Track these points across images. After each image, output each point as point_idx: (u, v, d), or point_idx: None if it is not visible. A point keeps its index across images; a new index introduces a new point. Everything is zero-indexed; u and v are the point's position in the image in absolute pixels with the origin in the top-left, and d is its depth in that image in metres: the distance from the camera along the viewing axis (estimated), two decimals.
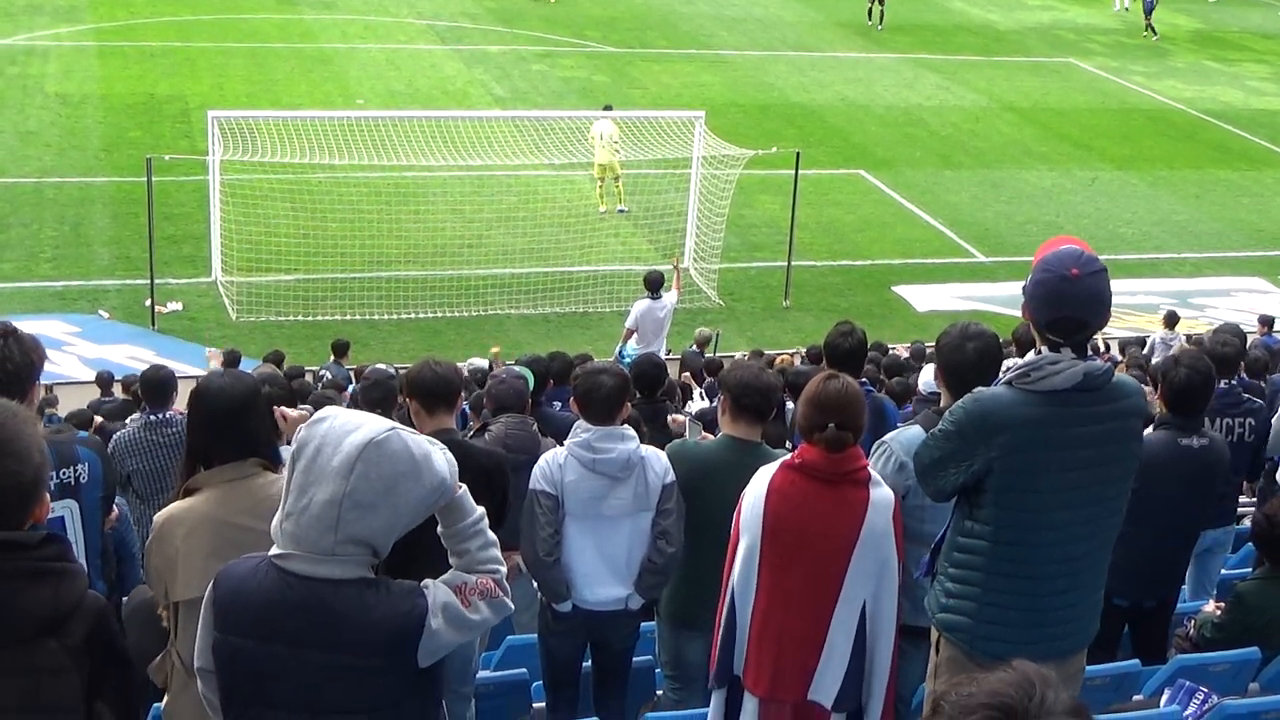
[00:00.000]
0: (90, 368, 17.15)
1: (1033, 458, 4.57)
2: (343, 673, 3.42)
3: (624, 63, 35.22)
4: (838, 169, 28.51)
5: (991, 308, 21.89)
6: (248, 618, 3.43)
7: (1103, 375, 4.62)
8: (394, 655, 3.44)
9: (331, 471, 3.34)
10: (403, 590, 3.49)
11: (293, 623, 3.39)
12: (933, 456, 4.73)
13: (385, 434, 3.39)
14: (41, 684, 3.18)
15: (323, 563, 3.39)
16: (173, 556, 4.40)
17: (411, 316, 20.46)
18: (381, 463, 3.36)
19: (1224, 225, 27.36)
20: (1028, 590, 4.69)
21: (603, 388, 6.13)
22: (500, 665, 7.16)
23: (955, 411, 4.70)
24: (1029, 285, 4.64)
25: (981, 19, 44.55)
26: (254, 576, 3.45)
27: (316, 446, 3.38)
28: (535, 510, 6.10)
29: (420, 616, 3.45)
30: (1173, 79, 38.94)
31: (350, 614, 3.39)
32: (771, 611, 5.08)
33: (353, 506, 3.34)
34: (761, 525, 5.06)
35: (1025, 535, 4.66)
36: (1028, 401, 4.57)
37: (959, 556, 4.80)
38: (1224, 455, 7.01)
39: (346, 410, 3.50)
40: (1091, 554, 4.79)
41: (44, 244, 21.95)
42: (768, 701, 5.14)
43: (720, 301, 21.87)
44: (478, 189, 24.73)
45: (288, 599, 3.39)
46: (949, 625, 4.81)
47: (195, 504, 4.46)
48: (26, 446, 3.21)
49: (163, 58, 32.06)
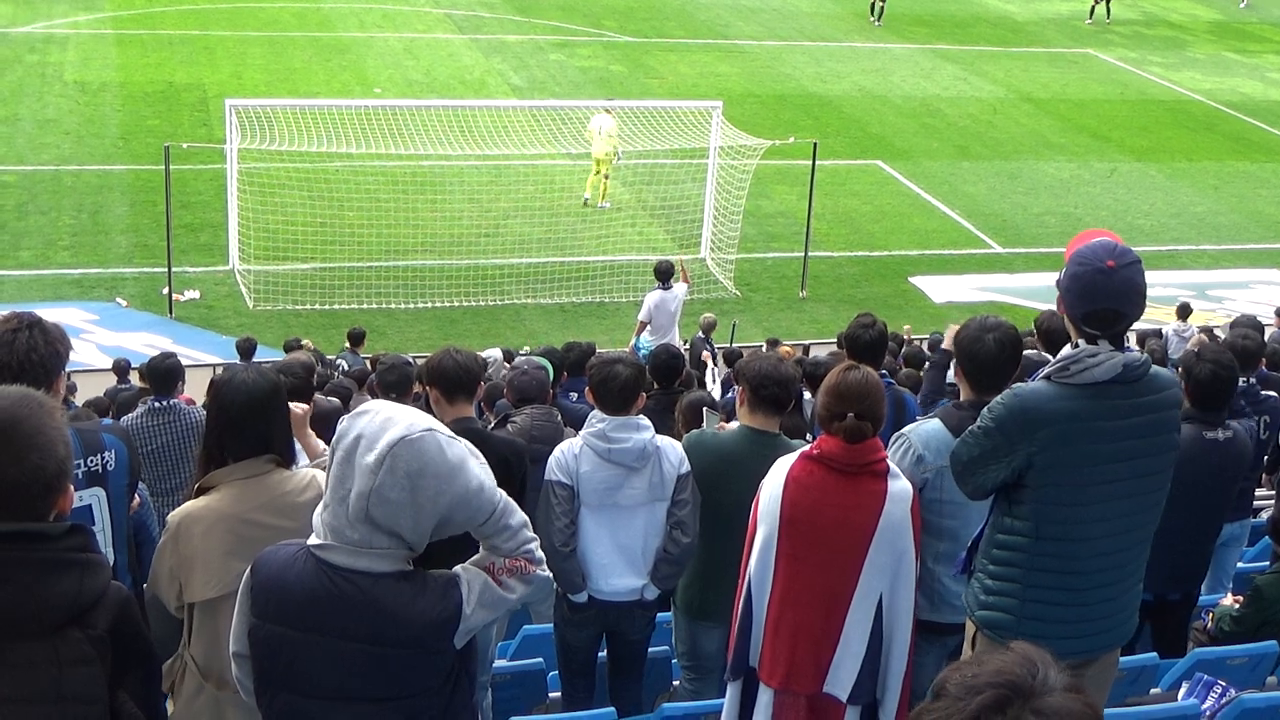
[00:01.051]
0: (108, 355, 17.22)
1: (1074, 451, 4.56)
2: (379, 662, 3.44)
3: (641, 52, 35.19)
4: (855, 159, 28.46)
5: (1009, 299, 21.87)
6: (287, 606, 3.45)
7: (1141, 366, 4.60)
8: (431, 646, 3.47)
9: (365, 466, 3.35)
10: (439, 583, 3.50)
11: (332, 613, 3.41)
12: (972, 454, 4.70)
13: (420, 433, 3.38)
14: (65, 674, 3.19)
15: (360, 555, 3.41)
16: (191, 555, 4.40)
17: (428, 306, 20.50)
18: (410, 460, 3.35)
19: (1243, 217, 27.26)
20: (1071, 585, 4.67)
21: (618, 377, 6.12)
22: (517, 655, 7.17)
23: (995, 408, 4.67)
24: (1064, 279, 4.62)
25: (1000, 9, 44.40)
26: (293, 565, 3.47)
27: (355, 438, 3.39)
28: (551, 501, 6.11)
29: (457, 608, 3.48)
30: (1192, 70, 38.77)
31: (389, 607, 3.41)
32: (787, 603, 5.07)
33: (380, 501, 3.35)
34: (779, 516, 5.05)
35: (1068, 530, 4.64)
36: (1068, 395, 4.55)
37: (998, 554, 4.77)
38: (1247, 447, 7.01)
39: (393, 405, 3.50)
40: (1132, 548, 4.78)
41: (62, 232, 22.03)
42: (783, 693, 5.13)
43: (737, 292, 21.85)
44: (495, 178, 24.74)
45: (327, 590, 3.41)
46: (990, 623, 4.79)
47: (212, 502, 4.45)
48: (51, 440, 3.22)
49: (181, 46, 32.12)
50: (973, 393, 5.50)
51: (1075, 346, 4.61)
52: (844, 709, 5.08)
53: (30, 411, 3.22)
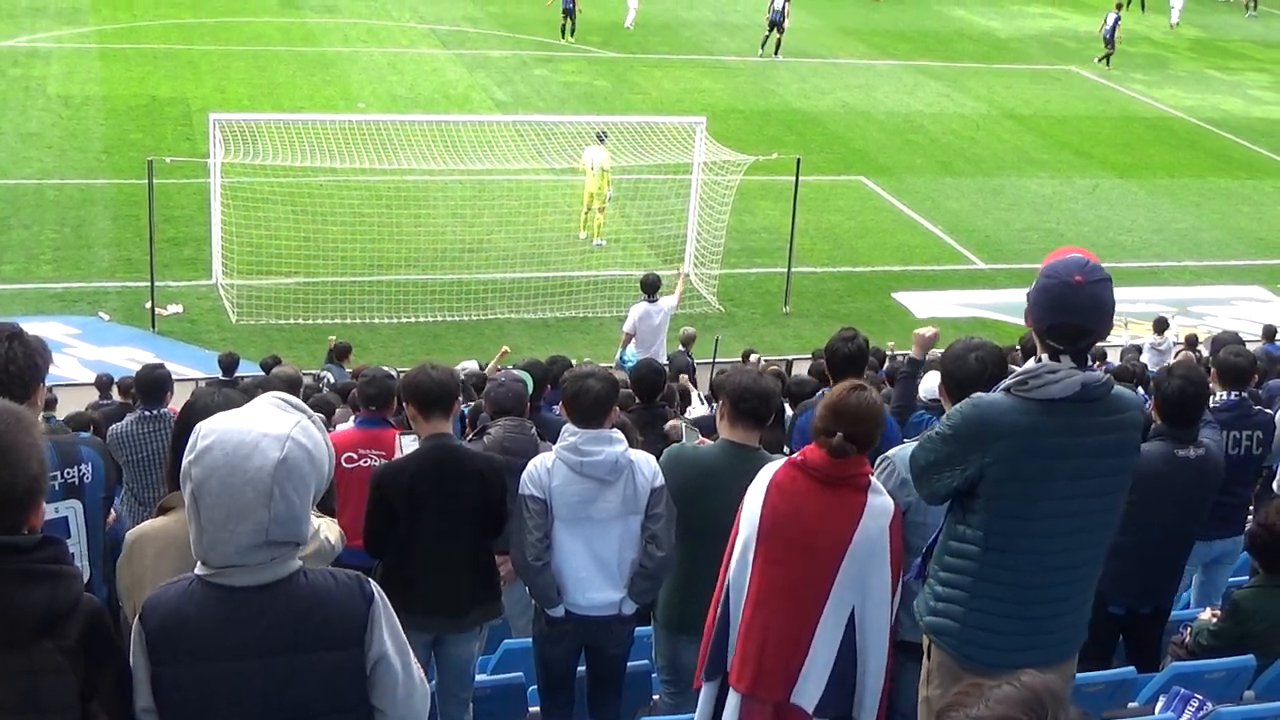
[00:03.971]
0: (90, 370, 17.17)
1: (1027, 465, 4.57)
2: (304, 673, 3.36)
3: (625, 68, 35.25)
4: (838, 175, 28.53)
5: (991, 314, 21.93)
6: (194, 639, 3.33)
7: (1101, 387, 4.61)
8: (349, 638, 3.40)
9: (246, 504, 3.28)
10: (342, 573, 3.48)
11: (248, 634, 3.33)
12: (928, 459, 4.74)
13: (285, 451, 3.33)
14: (39, 685, 3.19)
15: (262, 570, 3.35)
16: (142, 575, 4.33)
17: (412, 320, 20.48)
18: (293, 477, 3.32)
19: (1224, 234, 27.38)
20: (1014, 598, 4.69)
21: (590, 391, 6.13)
22: (497, 669, 7.17)
23: (953, 415, 4.71)
24: (1032, 291, 4.64)
25: (983, 26, 44.60)
26: (190, 599, 3.35)
27: (220, 482, 3.29)
28: (524, 515, 6.11)
29: (370, 596, 3.44)
30: (1174, 87, 38.97)
31: (306, 609, 3.36)
32: (760, 606, 5.11)
33: (278, 524, 3.31)
34: (759, 519, 5.11)
35: (1014, 542, 4.65)
36: (1025, 409, 4.57)
37: (949, 560, 4.80)
38: (1219, 465, 7.04)
39: (219, 422, 3.38)
40: (1082, 565, 4.78)
41: (44, 245, 21.97)
42: (750, 699, 5.15)
43: (720, 307, 21.88)
44: (479, 193, 24.75)
45: (237, 612, 3.33)
46: (936, 629, 4.82)
47: (168, 523, 4.39)
48: (24, 456, 3.21)
49: (165, 60, 32.10)
50: None
51: (1039, 360, 4.63)
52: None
53: (5, 427, 3.21)
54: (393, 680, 3.47)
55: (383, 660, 3.45)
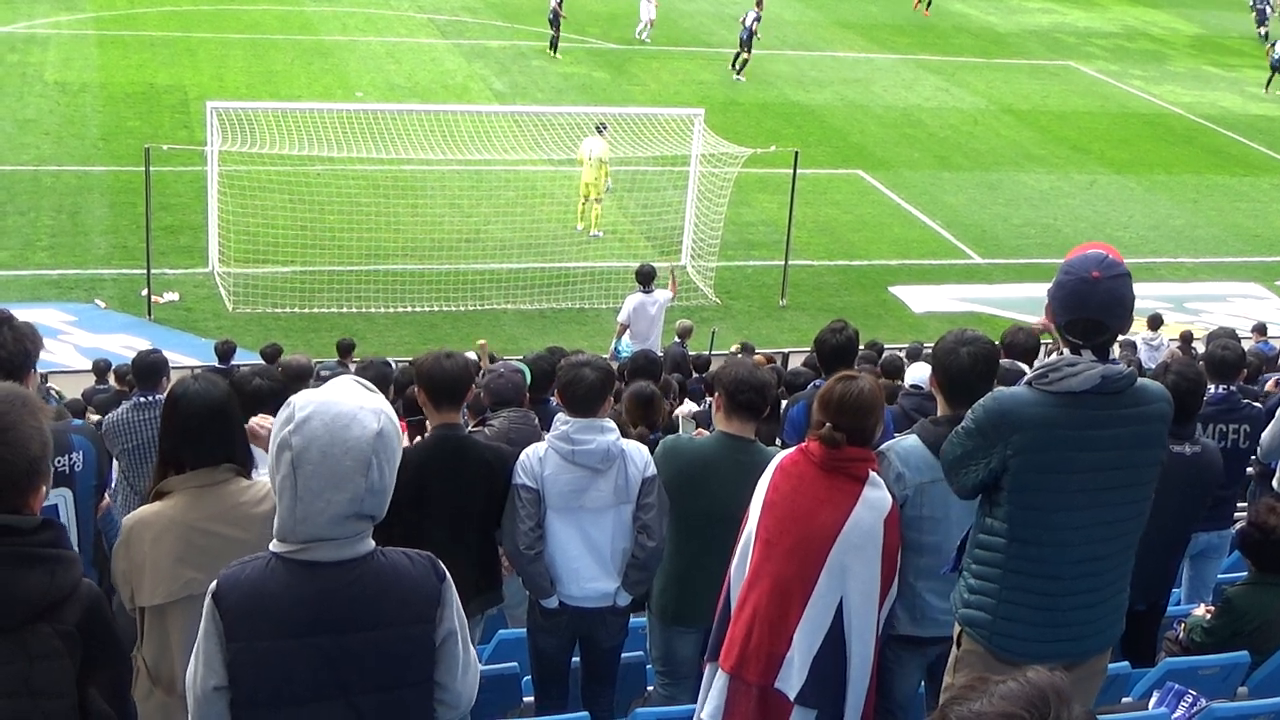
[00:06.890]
0: (86, 357, 17.15)
1: (1048, 458, 4.60)
2: (381, 648, 3.44)
3: (624, 59, 35.22)
4: (836, 169, 28.52)
5: (988, 309, 21.94)
6: (277, 617, 3.37)
7: (1123, 379, 4.63)
8: (424, 620, 3.51)
9: (345, 472, 3.35)
10: (415, 552, 3.57)
11: (330, 609, 3.39)
12: (955, 454, 4.79)
13: (381, 424, 3.43)
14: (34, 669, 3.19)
15: (346, 545, 3.41)
16: (140, 561, 4.36)
17: (408, 310, 20.47)
18: (388, 449, 3.43)
19: (1221, 230, 27.40)
20: (1043, 590, 4.71)
21: (584, 380, 6.11)
22: (491, 659, 7.16)
23: (976, 409, 4.75)
24: (1052, 287, 4.70)
25: (981, 21, 44.57)
26: (272, 576, 3.39)
27: (320, 451, 3.35)
28: (516, 504, 6.10)
29: (442, 574, 3.55)
30: (1172, 84, 38.97)
31: (385, 585, 3.44)
32: (751, 588, 5.15)
33: (372, 494, 3.39)
34: (763, 499, 5.18)
35: (1039, 535, 4.69)
36: (1045, 402, 4.60)
37: (980, 553, 4.84)
38: (1216, 461, 7.05)
39: (315, 395, 3.45)
40: (1111, 556, 4.80)
41: (41, 232, 21.94)
42: (736, 680, 5.17)
43: (717, 300, 21.88)
44: (476, 184, 24.73)
45: (320, 588, 3.38)
46: (970, 621, 4.85)
47: (164, 508, 4.41)
48: (24, 436, 3.21)
49: (162, 47, 32.04)
50: (948, 406, 5.52)
51: (1061, 354, 4.66)
52: (791, 708, 5.10)
53: (9, 407, 3.21)
54: (456, 656, 3.58)
55: (450, 637, 3.56)
